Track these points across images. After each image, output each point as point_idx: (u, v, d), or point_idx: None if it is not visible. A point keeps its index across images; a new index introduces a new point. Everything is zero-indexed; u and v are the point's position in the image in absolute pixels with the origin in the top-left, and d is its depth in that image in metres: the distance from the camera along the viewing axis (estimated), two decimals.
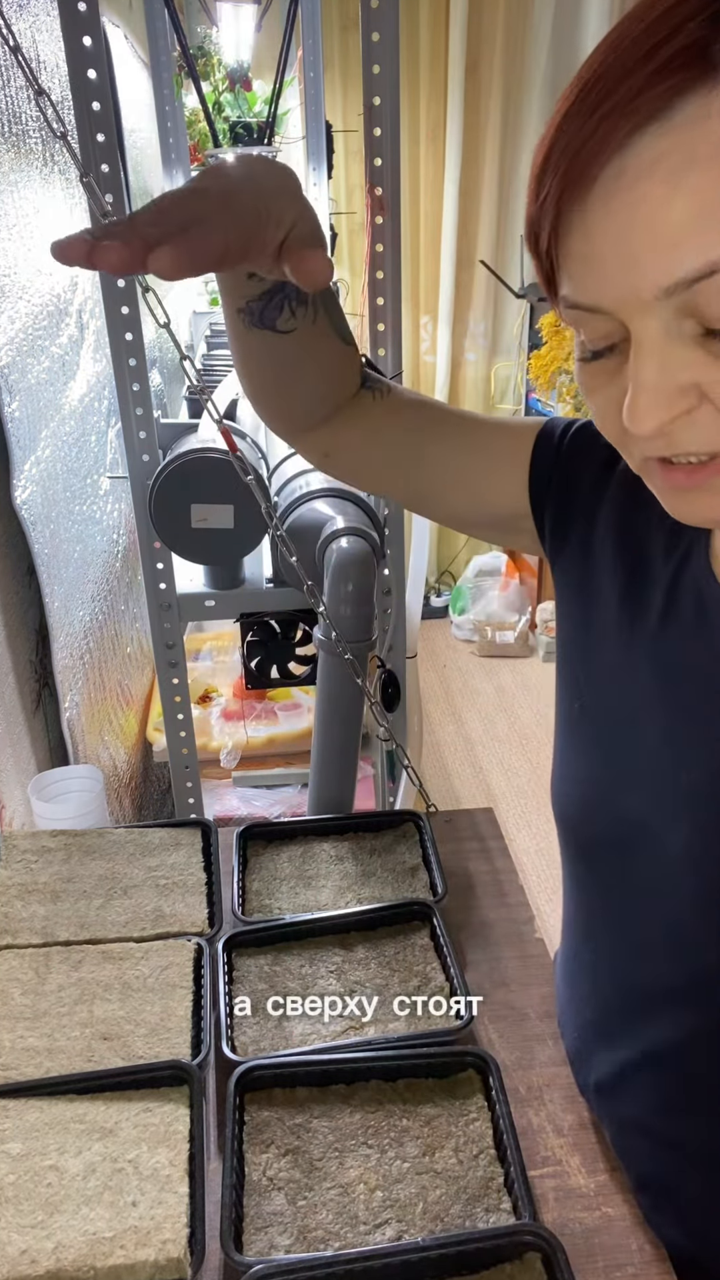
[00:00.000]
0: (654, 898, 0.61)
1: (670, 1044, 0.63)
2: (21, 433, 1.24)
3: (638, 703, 0.62)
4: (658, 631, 0.62)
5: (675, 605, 0.61)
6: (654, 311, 0.44)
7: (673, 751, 0.59)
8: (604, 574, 0.66)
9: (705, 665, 0.58)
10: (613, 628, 0.65)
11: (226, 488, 1.23)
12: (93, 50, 1.05)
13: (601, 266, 0.45)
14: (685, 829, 0.58)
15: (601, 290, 0.45)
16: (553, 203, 0.45)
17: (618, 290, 0.45)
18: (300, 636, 1.44)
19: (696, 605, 0.59)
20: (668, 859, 0.59)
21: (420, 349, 3.88)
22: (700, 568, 0.60)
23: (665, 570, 0.62)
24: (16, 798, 1.21)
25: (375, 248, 1.20)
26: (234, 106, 2.58)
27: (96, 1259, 0.61)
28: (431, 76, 3.46)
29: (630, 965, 0.66)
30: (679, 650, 0.60)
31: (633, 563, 0.65)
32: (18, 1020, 0.80)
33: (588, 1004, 0.73)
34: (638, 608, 0.63)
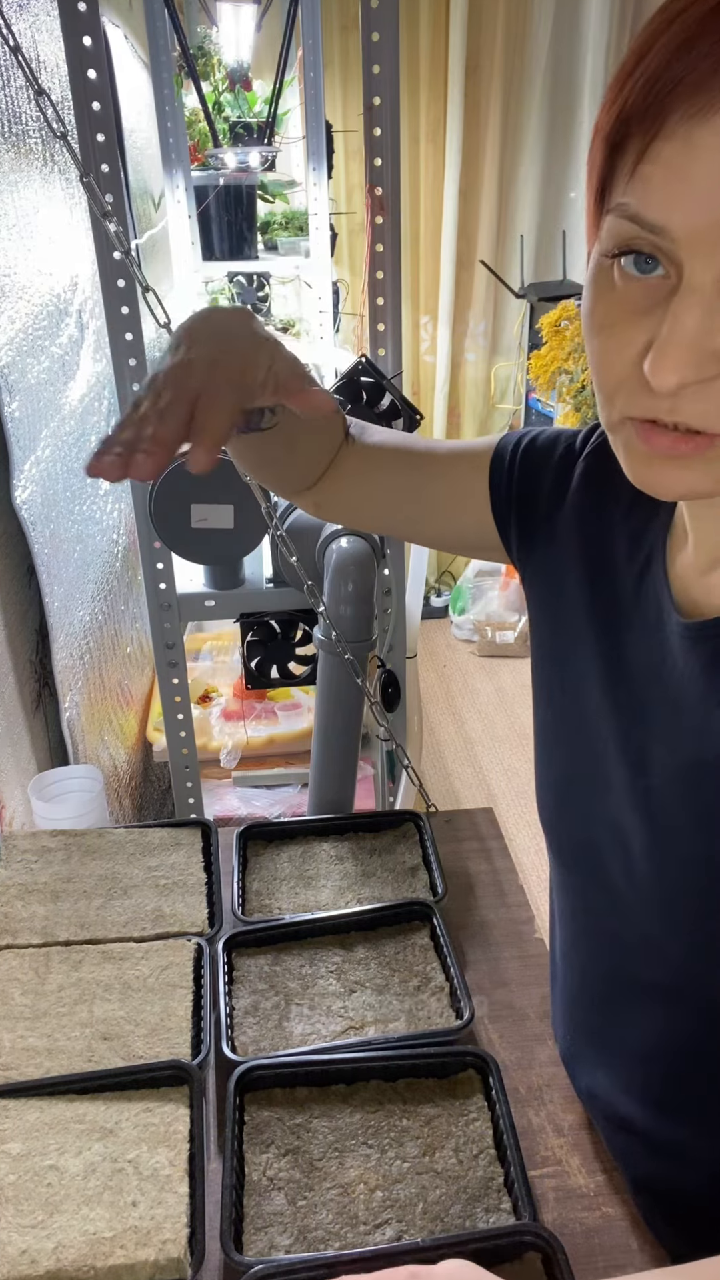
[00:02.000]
0: (625, 899, 0.61)
1: (655, 1044, 0.64)
2: (21, 433, 1.24)
3: (601, 708, 0.63)
4: (619, 638, 0.62)
5: (637, 612, 0.61)
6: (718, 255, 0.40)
7: (631, 756, 0.60)
8: (569, 583, 0.67)
9: (660, 672, 0.59)
10: (579, 633, 0.66)
11: (226, 488, 1.23)
12: (93, 50, 1.05)
13: (693, 185, 0.40)
14: (645, 831, 0.59)
15: (682, 210, 0.41)
16: (673, 101, 0.40)
17: (699, 215, 0.40)
18: (300, 636, 1.44)
19: (656, 612, 0.60)
20: (634, 861, 0.60)
21: (420, 349, 3.88)
22: (658, 576, 0.60)
23: (628, 578, 0.63)
24: (16, 798, 1.21)
25: (375, 248, 1.20)
26: (234, 106, 2.57)
27: (96, 1259, 0.61)
28: (431, 76, 3.46)
29: (610, 967, 0.66)
30: (637, 657, 0.61)
31: (596, 571, 0.65)
32: (18, 1020, 0.80)
33: (576, 1005, 0.74)
34: (602, 614, 0.64)
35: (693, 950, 0.57)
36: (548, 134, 3.52)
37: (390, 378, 1.23)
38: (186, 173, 2.39)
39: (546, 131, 3.52)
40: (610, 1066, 0.69)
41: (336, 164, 2.86)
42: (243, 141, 2.44)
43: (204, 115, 2.41)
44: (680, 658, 0.58)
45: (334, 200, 2.86)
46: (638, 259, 0.44)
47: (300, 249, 2.68)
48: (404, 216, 1.45)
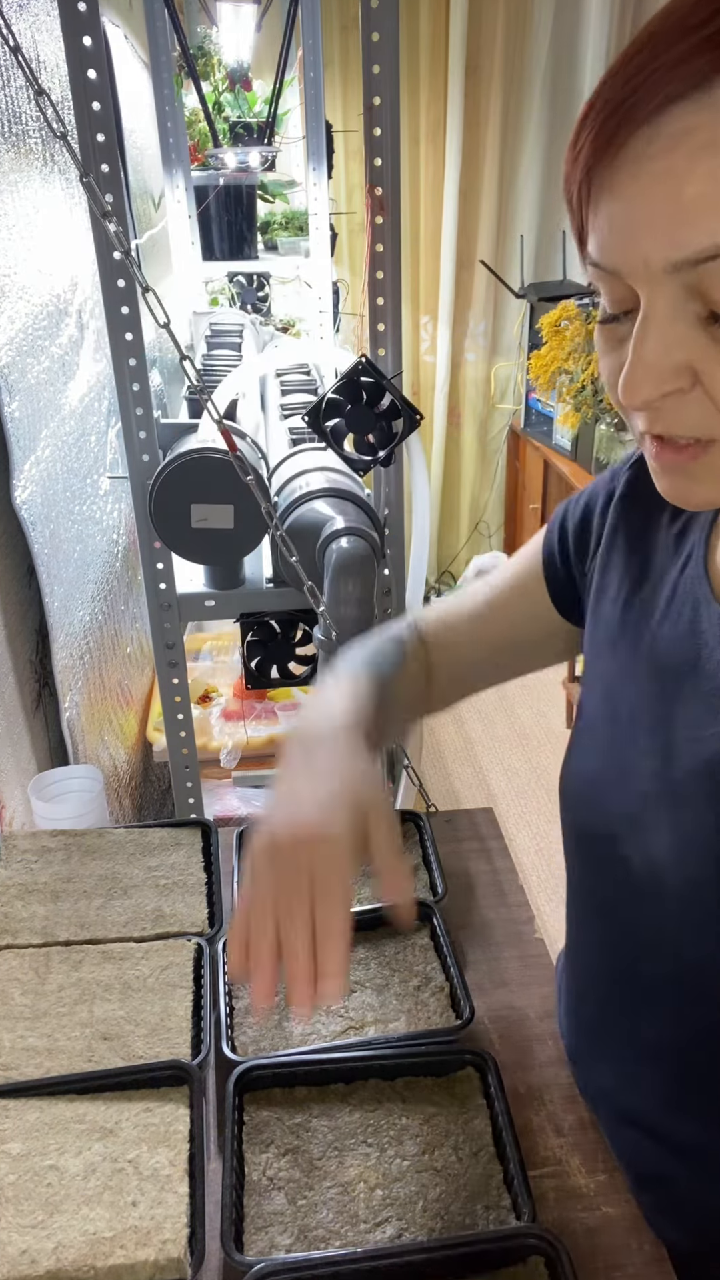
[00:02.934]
0: (643, 894, 0.62)
1: (666, 1042, 0.64)
2: (21, 433, 1.24)
3: (634, 703, 0.64)
4: (655, 634, 0.63)
5: (673, 608, 0.62)
6: (662, 285, 0.44)
7: (662, 749, 0.61)
8: (614, 577, 0.68)
9: (697, 665, 0.59)
10: (618, 628, 0.67)
11: (226, 488, 1.23)
12: (93, 50, 1.05)
13: (621, 229, 0.45)
14: (669, 828, 0.59)
15: (618, 254, 0.46)
16: (585, 159, 0.46)
17: (632, 256, 0.45)
18: (300, 636, 1.44)
19: (692, 609, 0.61)
20: (655, 856, 0.60)
21: (420, 349, 3.88)
22: (696, 574, 0.61)
23: (669, 575, 0.64)
24: (16, 798, 1.21)
25: (375, 248, 1.20)
26: (234, 106, 2.57)
27: (96, 1259, 0.61)
28: (431, 76, 3.46)
29: (624, 962, 0.66)
30: (675, 650, 0.61)
31: (640, 567, 0.67)
32: (18, 1020, 0.80)
33: (584, 1002, 0.74)
34: (642, 610, 0.65)
35: (709, 947, 0.57)
36: (548, 134, 3.52)
37: (390, 378, 1.23)
38: (186, 173, 2.39)
39: (546, 131, 3.52)
40: (620, 1062, 0.69)
41: (336, 164, 2.86)
42: (243, 141, 2.44)
43: (204, 115, 2.41)
44: (718, 648, 0.58)
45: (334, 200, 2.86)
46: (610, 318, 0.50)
47: (300, 249, 2.67)
48: (404, 216, 1.45)
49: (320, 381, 1.89)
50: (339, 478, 1.37)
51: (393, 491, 1.34)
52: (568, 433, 3.19)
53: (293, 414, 1.68)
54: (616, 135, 0.44)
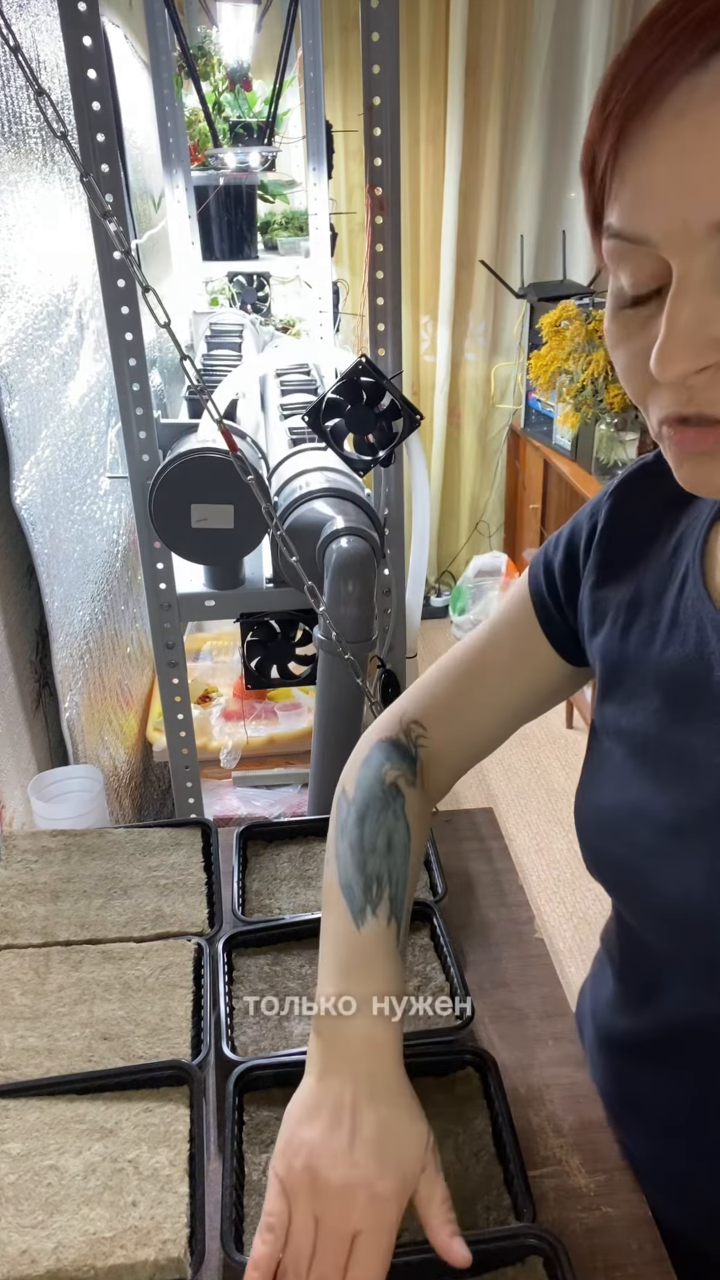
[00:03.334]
0: (677, 924, 0.59)
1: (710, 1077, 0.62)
2: (21, 433, 1.24)
3: (647, 732, 0.62)
4: (660, 660, 0.62)
5: (676, 632, 0.61)
6: (702, 249, 0.42)
7: (686, 778, 0.59)
8: (608, 609, 0.67)
9: (704, 691, 0.58)
10: (619, 659, 0.65)
11: (226, 488, 1.23)
12: (93, 50, 1.05)
13: (657, 192, 0.43)
14: (703, 855, 0.57)
15: (653, 219, 0.44)
16: (618, 119, 0.43)
17: (669, 220, 0.43)
18: (300, 636, 1.44)
19: (698, 630, 0.59)
20: (690, 886, 0.58)
21: (420, 349, 3.88)
22: (696, 594, 0.60)
23: (667, 599, 0.62)
24: (16, 798, 1.21)
25: (375, 248, 1.20)
26: (234, 106, 2.57)
27: (97, 1259, 0.61)
28: (431, 76, 3.46)
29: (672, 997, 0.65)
30: (681, 677, 0.60)
31: (633, 595, 0.65)
32: (18, 1020, 0.80)
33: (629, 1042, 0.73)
34: (642, 638, 0.64)
35: None
36: (548, 134, 3.52)
37: (390, 378, 1.23)
38: (186, 173, 2.39)
39: (546, 131, 3.52)
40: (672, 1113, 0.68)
41: (336, 164, 2.86)
42: (243, 141, 2.44)
43: (204, 115, 2.41)
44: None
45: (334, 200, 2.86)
46: (633, 300, 0.47)
47: (300, 249, 2.67)
48: (404, 216, 1.45)
49: (320, 381, 1.89)
50: (339, 478, 1.37)
51: (393, 491, 1.34)
52: (568, 433, 3.19)
53: (293, 414, 1.68)
54: (655, 90, 0.41)
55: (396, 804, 0.72)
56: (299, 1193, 0.56)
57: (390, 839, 0.70)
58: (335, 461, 1.34)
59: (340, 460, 1.28)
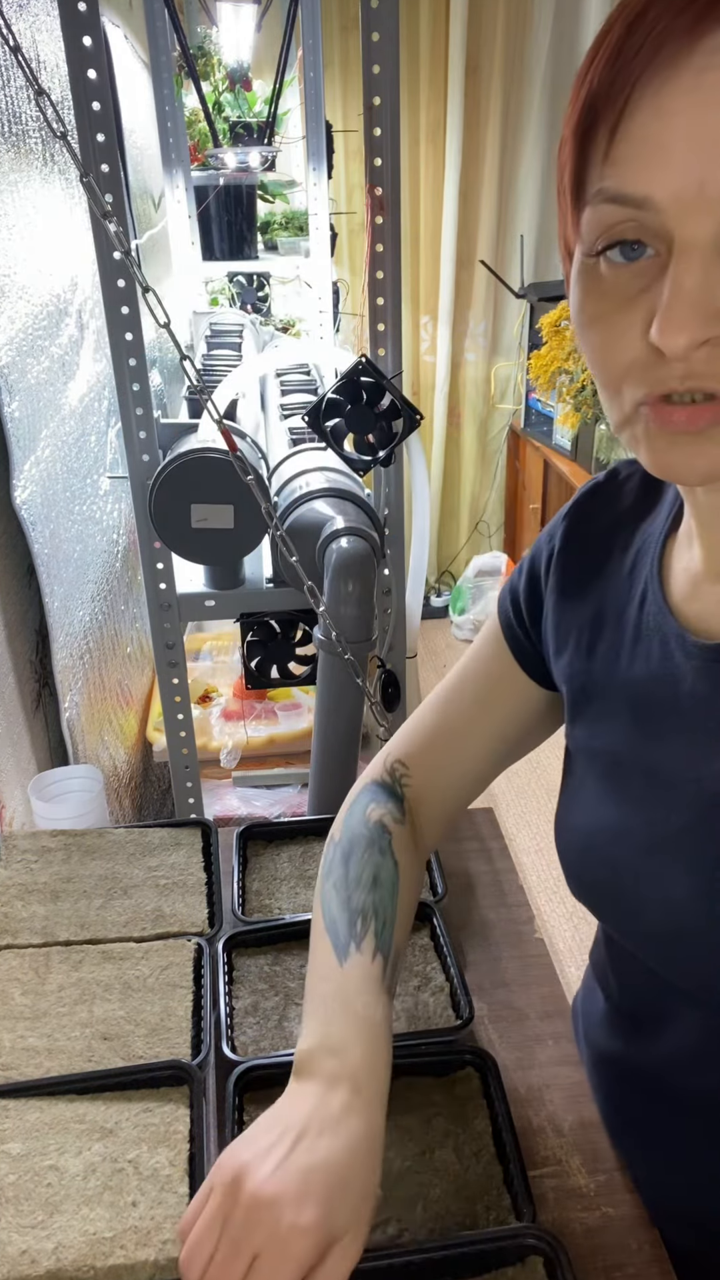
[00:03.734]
0: (662, 941, 0.59)
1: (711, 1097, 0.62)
2: (21, 433, 1.24)
3: (618, 751, 0.61)
4: (626, 677, 0.61)
5: (640, 648, 0.60)
6: (713, 215, 0.41)
7: (657, 795, 0.58)
8: (570, 631, 0.66)
9: (672, 707, 0.57)
10: (585, 679, 0.65)
11: (226, 488, 1.23)
12: (93, 50, 1.05)
13: (671, 152, 0.41)
14: (682, 875, 0.56)
15: (664, 178, 0.41)
16: (635, 71, 0.41)
17: (683, 179, 0.41)
18: (300, 636, 1.44)
19: (661, 645, 0.58)
20: (674, 903, 0.57)
21: (420, 349, 3.88)
22: (655, 608, 0.59)
23: (628, 616, 0.62)
24: (16, 798, 1.21)
25: (375, 248, 1.20)
26: (234, 106, 2.57)
27: (97, 1259, 0.61)
28: (431, 76, 3.46)
29: (661, 1014, 0.64)
30: (648, 694, 0.59)
31: (594, 615, 0.64)
32: (18, 1020, 0.80)
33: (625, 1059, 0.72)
34: (606, 656, 0.63)
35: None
36: (548, 134, 3.52)
37: (390, 378, 1.23)
38: (186, 173, 2.39)
39: (546, 131, 3.52)
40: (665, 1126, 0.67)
41: (336, 164, 2.86)
42: (243, 141, 2.44)
43: (204, 115, 2.41)
44: (699, 681, 0.56)
45: (334, 200, 2.86)
46: (624, 248, 0.44)
47: (300, 249, 2.67)
48: (404, 216, 1.45)
49: (320, 381, 1.89)
50: (339, 478, 1.37)
51: (393, 491, 1.34)
52: (568, 433, 3.19)
53: (293, 414, 1.68)
54: (676, 45, 0.40)
55: (382, 840, 0.70)
56: (216, 1192, 0.52)
57: (376, 874, 0.68)
58: (335, 461, 1.34)
59: (340, 460, 1.28)
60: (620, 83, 0.42)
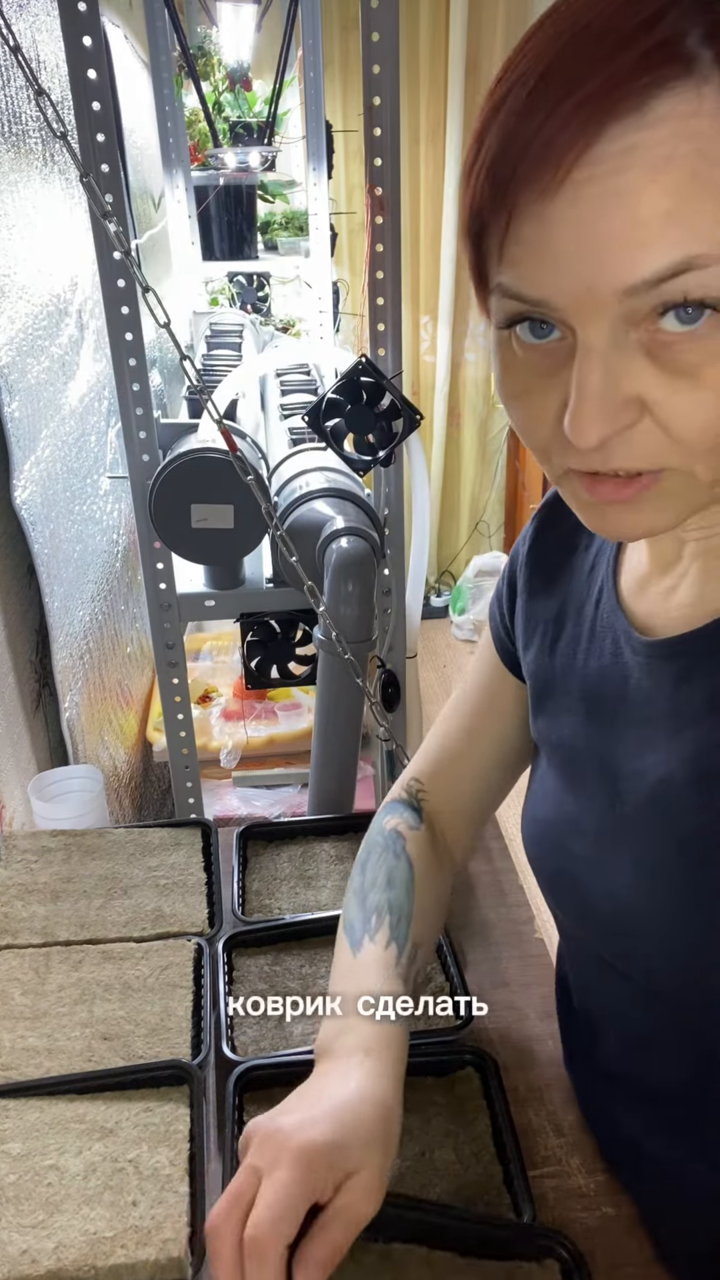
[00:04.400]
0: (615, 933, 0.60)
1: (676, 1086, 0.62)
2: (21, 433, 1.24)
3: (575, 744, 0.63)
4: (582, 672, 0.63)
5: (595, 643, 0.62)
6: (606, 314, 0.41)
7: (609, 785, 0.59)
8: (537, 624, 0.68)
9: (625, 695, 0.59)
10: (549, 673, 0.66)
11: (226, 488, 1.23)
12: (93, 50, 1.05)
13: (558, 259, 0.41)
14: (629, 860, 0.57)
15: (553, 284, 0.42)
16: (511, 190, 0.42)
17: (572, 286, 0.42)
18: (300, 636, 1.44)
19: (613, 642, 0.60)
20: (619, 895, 0.58)
21: (420, 349, 3.88)
22: (610, 606, 0.61)
23: (586, 611, 0.64)
24: (16, 798, 1.21)
25: (375, 248, 1.20)
26: (234, 106, 2.57)
27: (97, 1258, 0.61)
28: (431, 76, 3.46)
29: (618, 1005, 0.65)
30: (601, 688, 0.61)
31: (558, 610, 0.66)
32: (18, 1020, 0.80)
33: (591, 1056, 0.72)
34: (566, 651, 0.65)
35: (691, 978, 0.55)
36: None
37: (390, 378, 1.23)
38: (186, 173, 2.39)
39: None
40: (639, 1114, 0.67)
41: (336, 164, 2.86)
42: (243, 141, 2.44)
43: (204, 115, 2.41)
44: (644, 677, 0.57)
45: (334, 200, 2.86)
46: (532, 325, 0.45)
47: (300, 249, 2.67)
48: (404, 216, 1.45)
49: (320, 381, 1.89)
50: (339, 478, 1.37)
51: (393, 491, 1.34)
52: None
53: (293, 414, 1.68)
54: (553, 163, 0.40)
55: (396, 844, 0.73)
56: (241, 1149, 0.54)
57: (390, 875, 0.70)
58: (335, 461, 1.34)
59: (340, 460, 1.28)
60: (501, 194, 0.42)
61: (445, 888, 0.76)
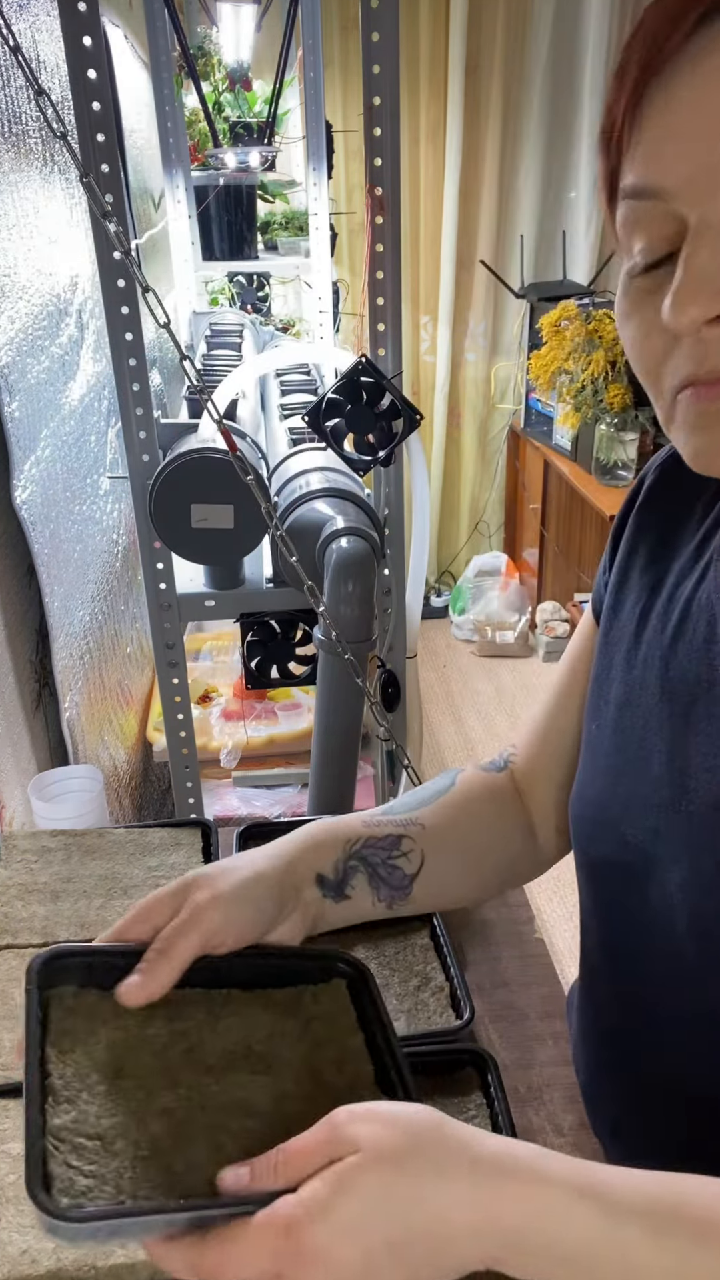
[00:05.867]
0: (657, 927, 0.58)
1: (686, 1080, 0.60)
2: (21, 433, 1.24)
3: (647, 726, 0.60)
4: (668, 651, 0.60)
5: (687, 624, 0.59)
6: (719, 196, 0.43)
7: (676, 778, 0.57)
8: (633, 585, 0.65)
9: (707, 691, 0.56)
10: (633, 640, 0.63)
11: (226, 488, 1.23)
12: (93, 50, 1.05)
13: (677, 139, 0.43)
14: (687, 859, 0.56)
15: (672, 166, 0.44)
16: (634, 76, 0.44)
17: (690, 164, 0.43)
18: (300, 636, 1.44)
19: (708, 626, 0.57)
20: (670, 889, 0.56)
21: (420, 349, 3.88)
22: (712, 588, 0.58)
23: (685, 587, 0.60)
24: (16, 798, 1.21)
25: (375, 248, 1.20)
26: (234, 106, 2.57)
27: (97, 1259, 0.61)
28: (431, 76, 3.46)
29: (637, 997, 0.63)
30: (685, 673, 0.58)
31: (658, 577, 0.63)
32: (18, 1021, 0.80)
33: (599, 1044, 0.71)
34: (657, 624, 0.61)
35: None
36: (548, 134, 3.52)
37: (390, 378, 1.23)
38: (186, 173, 2.39)
39: (546, 131, 3.52)
40: (639, 1102, 0.66)
41: (336, 164, 2.86)
42: (243, 141, 2.44)
43: (204, 115, 2.41)
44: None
45: (334, 200, 2.86)
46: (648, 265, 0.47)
47: (300, 249, 2.68)
48: (404, 216, 1.45)
49: (320, 381, 1.89)
50: (339, 478, 1.37)
51: (393, 491, 1.34)
52: (568, 433, 3.19)
53: (293, 414, 1.68)
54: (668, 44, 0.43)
55: (453, 773, 0.75)
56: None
57: (425, 788, 0.73)
58: (335, 461, 1.34)
59: (340, 460, 1.28)
60: (627, 86, 0.45)
61: (500, 829, 0.74)
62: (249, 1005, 0.57)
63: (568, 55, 3.41)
